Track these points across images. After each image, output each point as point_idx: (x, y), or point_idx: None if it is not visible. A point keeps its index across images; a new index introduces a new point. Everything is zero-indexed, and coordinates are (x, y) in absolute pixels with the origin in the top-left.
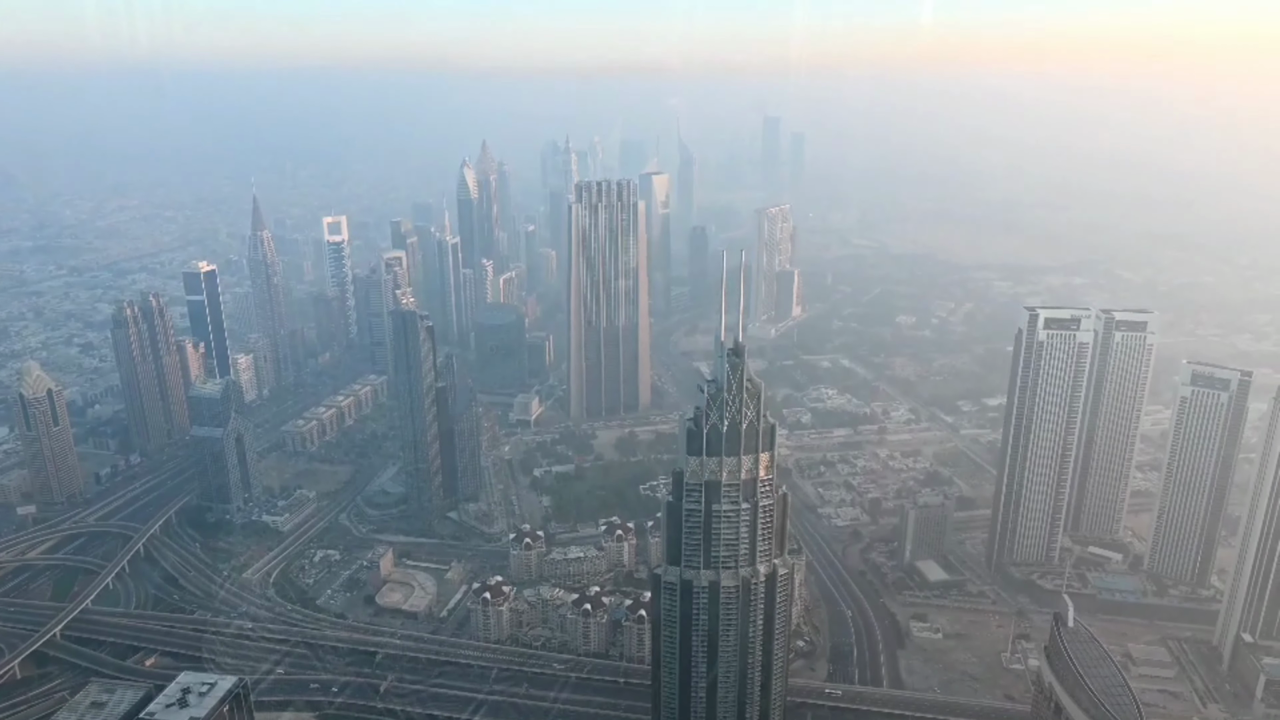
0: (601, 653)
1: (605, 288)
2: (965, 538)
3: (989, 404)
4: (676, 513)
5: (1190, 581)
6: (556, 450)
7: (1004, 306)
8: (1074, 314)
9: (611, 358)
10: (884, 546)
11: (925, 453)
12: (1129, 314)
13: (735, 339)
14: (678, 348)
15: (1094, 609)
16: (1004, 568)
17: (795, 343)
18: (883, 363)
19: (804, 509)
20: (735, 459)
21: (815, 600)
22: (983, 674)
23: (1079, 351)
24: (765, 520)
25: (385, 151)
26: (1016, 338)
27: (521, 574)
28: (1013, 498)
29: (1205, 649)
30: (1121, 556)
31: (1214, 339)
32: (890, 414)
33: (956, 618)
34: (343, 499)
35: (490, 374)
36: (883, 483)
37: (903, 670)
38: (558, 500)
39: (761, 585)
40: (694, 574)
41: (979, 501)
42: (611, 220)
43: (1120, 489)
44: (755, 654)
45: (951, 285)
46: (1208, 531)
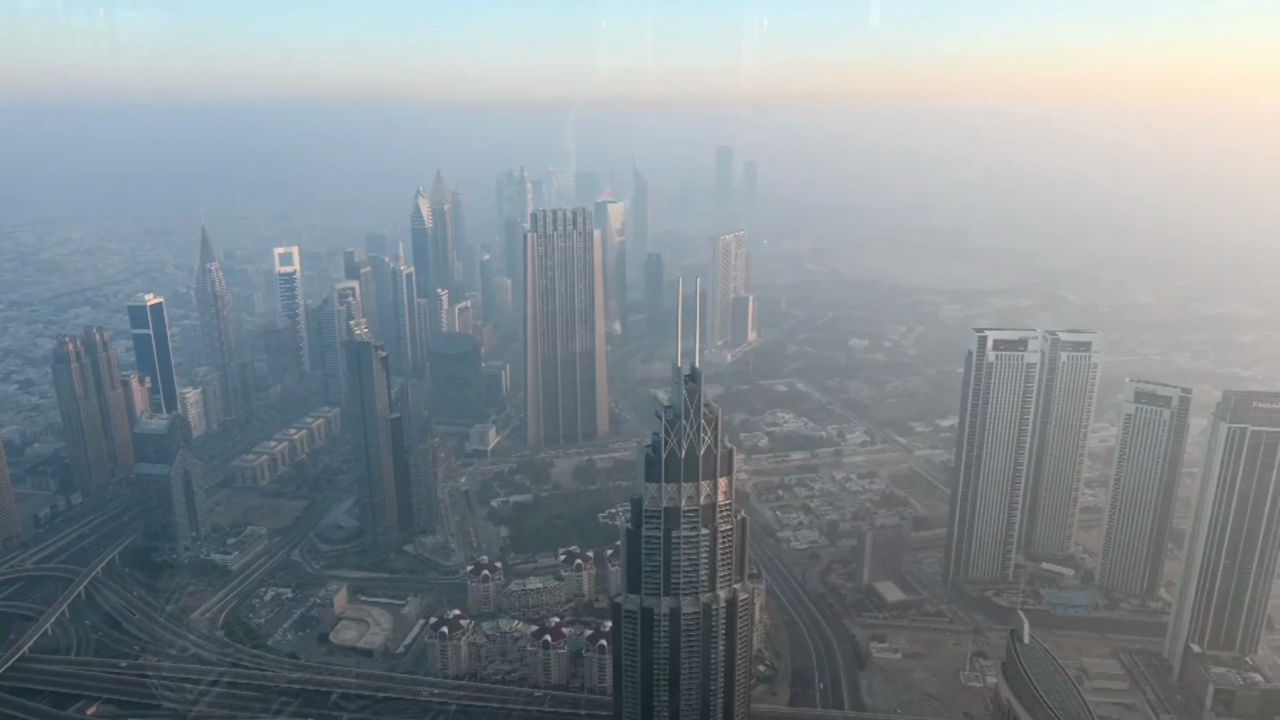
0: (563, 685)
1: (562, 316)
2: (922, 557)
3: (942, 425)
4: (636, 540)
5: (1140, 594)
6: (514, 480)
7: (953, 329)
8: (1021, 335)
9: (568, 386)
10: (843, 568)
11: (881, 474)
12: (1073, 335)
13: (692, 365)
14: (635, 375)
15: (1048, 625)
16: (960, 586)
17: (751, 368)
18: (837, 386)
19: (763, 533)
20: (694, 485)
21: (776, 624)
22: (942, 693)
23: (1027, 372)
24: (725, 545)
25: (338, 182)
26: (966, 359)
27: (480, 607)
28: (967, 517)
29: (1156, 660)
30: (1073, 572)
31: (1155, 357)
32: (846, 436)
33: (915, 637)
34: (295, 535)
35: (446, 404)
36: (840, 505)
37: (864, 692)
38: (516, 530)
39: (722, 611)
40: (654, 601)
41: (934, 521)
42: (567, 248)
43: (1070, 506)
44: (717, 680)
45: (902, 309)
46: (1155, 545)
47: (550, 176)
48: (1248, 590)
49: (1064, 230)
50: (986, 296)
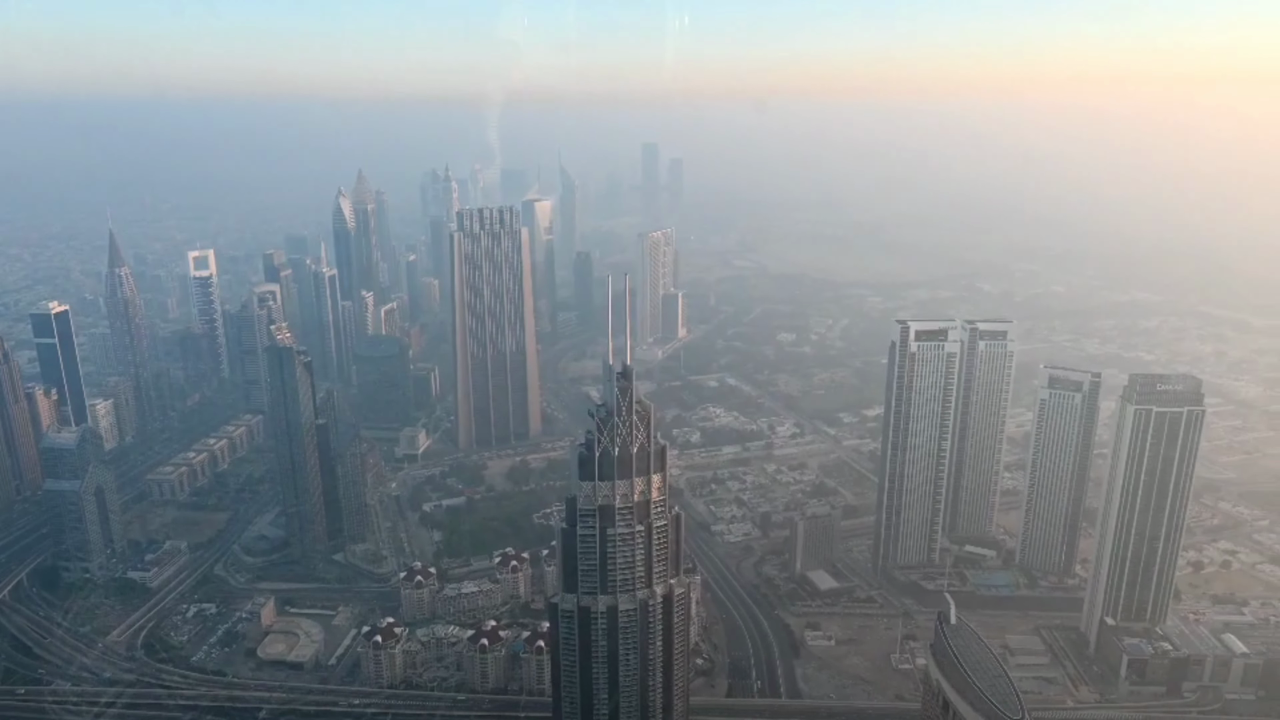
0: (501, 688)
1: (491, 316)
2: (852, 545)
3: (868, 414)
4: (571, 539)
5: (1058, 572)
6: (446, 483)
7: (877, 321)
8: (941, 326)
9: (499, 386)
10: (776, 559)
11: (811, 465)
12: (990, 324)
13: (623, 362)
14: (566, 374)
15: (974, 605)
16: (889, 572)
17: (682, 364)
18: (767, 379)
19: (697, 527)
20: (628, 482)
21: (712, 618)
22: (874, 676)
23: (948, 361)
24: (660, 541)
25: (254, 183)
26: (890, 350)
27: (414, 613)
28: (894, 504)
29: (1074, 635)
30: (995, 553)
31: (1066, 344)
32: (776, 429)
33: (848, 624)
34: (218, 548)
35: (374, 408)
36: (772, 497)
37: (799, 679)
38: (449, 535)
39: (659, 607)
40: (591, 600)
41: (863, 509)
42: (495, 247)
43: (991, 489)
44: (656, 676)
45: (828, 302)
46: (1070, 524)
47: (476, 175)
48: (1156, 564)
49: (979, 223)
50: (908, 288)
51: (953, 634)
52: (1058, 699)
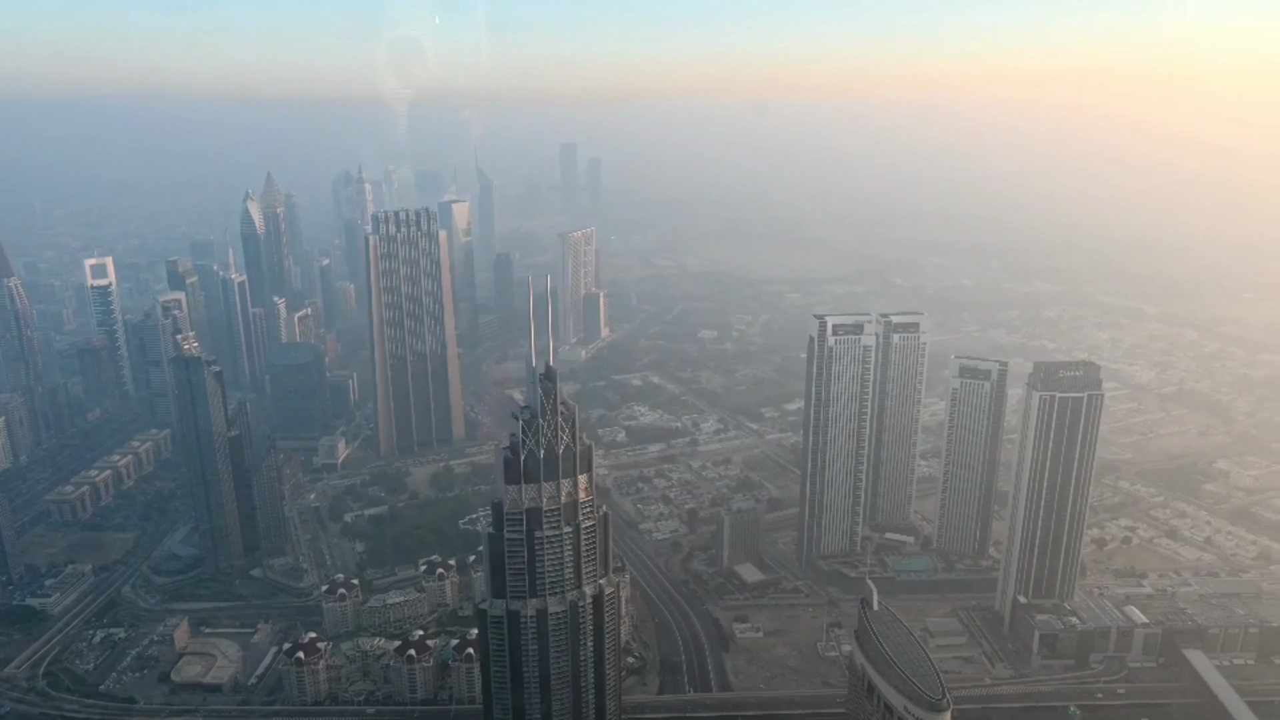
0: (430, 699)
1: (410, 320)
2: (778, 537)
3: (789, 408)
4: (498, 544)
5: (973, 555)
6: (368, 492)
7: (796, 316)
8: (857, 320)
9: (420, 391)
10: (703, 554)
11: (735, 460)
12: (903, 317)
13: (546, 363)
14: (489, 377)
15: (895, 590)
16: (814, 561)
17: (605, 363)
18: (690, 377)
19: (625, 526)
20: (554, 484)
21: (643, 615)
22: (802, 665)
23: (864, 354)
24: (588, 542)
25: (152, 187)
26: (809, 345)
27: (337, 627)
28: (816, 495)
29: (989, 614)
30: (914, 539)
31: (975, 334)
32: (700, 426)
33: (775, 615)
34: (125, 569)
35: (290, 418)
36: (698, 493)
37: (729, 672)
38: (372, 544)
39: (589, 608)
40: (520, 604)
41: (787, 501)
42: (412, 250)
43: (908, 477)
44: (588, 677)
45: (747, 299)
46: (983, 508)
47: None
48: (1063, 543)
49: (890, 219)
50: (824, 284)
51: (875, 619)
52: (976, 677)
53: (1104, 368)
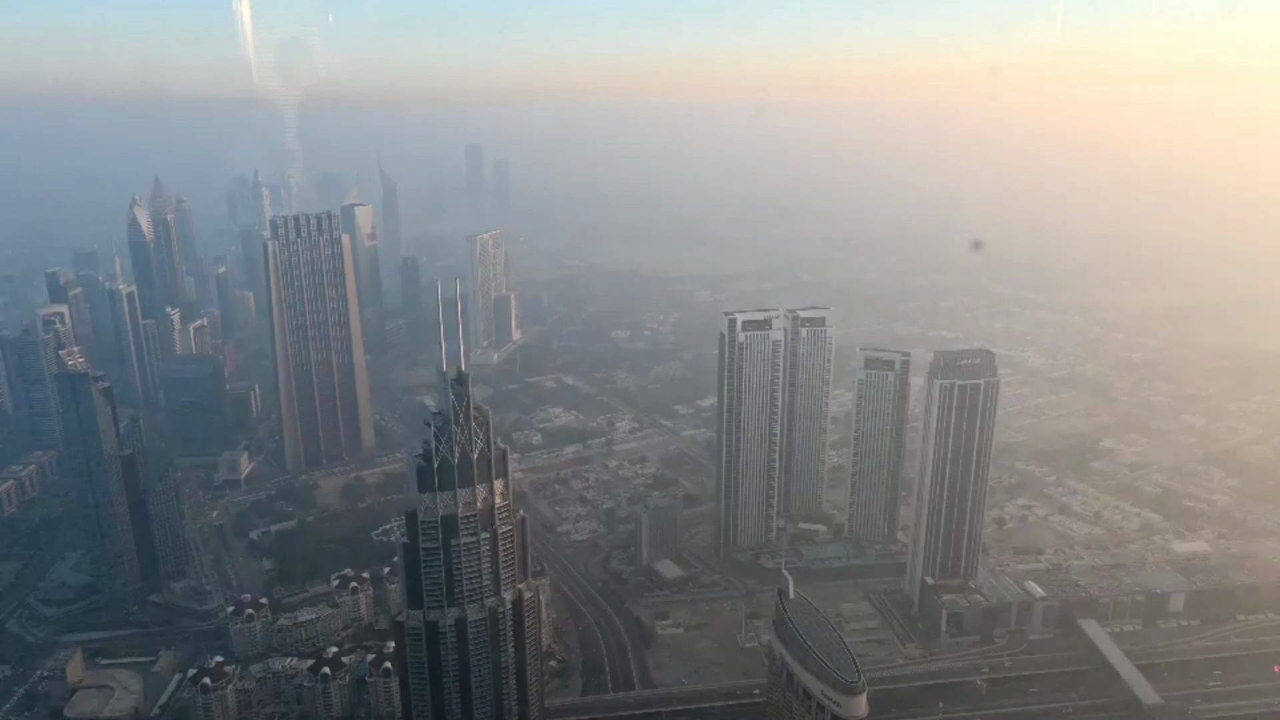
0: (347, 717)
1: (314, 328)
2: (695, 532)
3: (703, 405)
4: (414, 554)
5: (882, 540)
6: (275, 507)
7: (706, 313)
8: (766, 315)
9: (327, 401)
10: (623, 553)
11: (651, 458)
12: (810, 311)
13: (458, 368)
14: (399, 384)
15: (810, 578)
16: (731, 554)
17: (519, 366)
18: (604, 377)
19: (543, 529)
20: (470, 490)
21: (564, 618)
22: (723, 657)
23: (773, 349)
24: (506, 547)
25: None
26: (720, 341)
27: (246, 649)
28: (731, 489)
29: (899, 596)
30: (826, 528)
31: (878, 327)
32: (616, 425)
33: (695, 610)
34: (9, 602)
35: (188, 434)
36: (615, 492)
37: (652, 669)
38: (281, 561)
39: (509, 614)
40: (439, 614)
41: (704, 497)
42: (314, 256)
43: (819, 467)
44: (510, 684)
45: (658, 297)
46: (890, 494)
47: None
48: (966, 524)
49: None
50: (733, 281)
51: (792, 608)
52: (889, 658)
53: (998, 355)
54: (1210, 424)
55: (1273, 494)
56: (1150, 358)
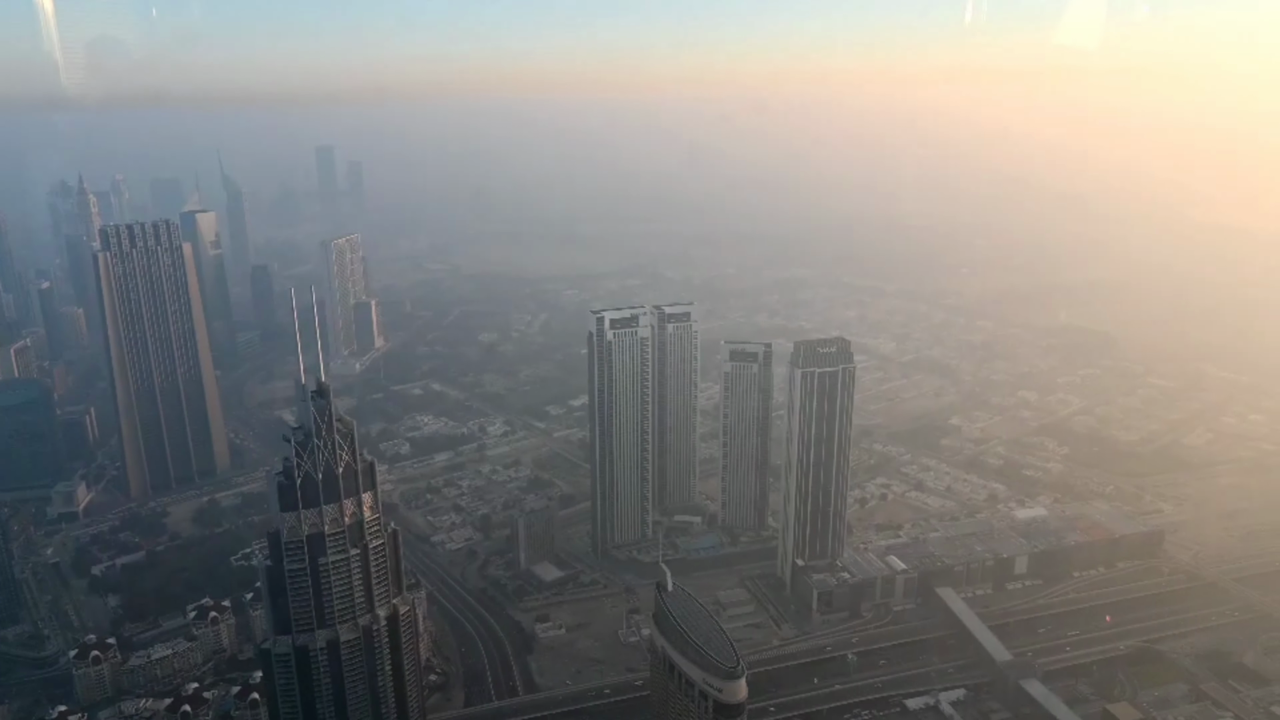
0: None
1: (155, 343)
2: (572, 533)
3: (574, 405)
4: (279, 576)
5: (754, 527)
6: (119, 539)
7: (574, 313)
8: (633, 313)
9: (174, 421)
10: (500, 559)
11: (525, 461)
12: (676, 307)
13: (318, 379)
14: (254, 399)
15: (686, 569)
16: (609, 552)
17: (383, 374)
18: (473, 381)
19: (416, 540)
20: (336, 505)
21: (442, 630)
22: (606, 655)
23: (641, 346)
24: (378, 562)
25: None
26: (589, 340)
27: (92, 694)
28: (606, 487)
29: (773, 580)
30: (701, 518)
31: (741, 319)
32: (487, 430)
33: (576, 610)
34: None
35: (14, 465)
36: (490, 498)
37: (535, 673)
38: (129, 597)
39: (384, 630)
40: (308, 637)
41: (579, 496)
42: (152, 267)
43: (691, 460)
44: (388, 703)
45: (525, 299)
46: (760, 482)
47: (119, 185)
48: (831, 506)
49: (657, 214)
50: (599, 279)
51: (670, 600)
52: (765, 640)
53: (854, 342)
54: (1043, 398)
55: (1098, 459)
56: (989, 339)
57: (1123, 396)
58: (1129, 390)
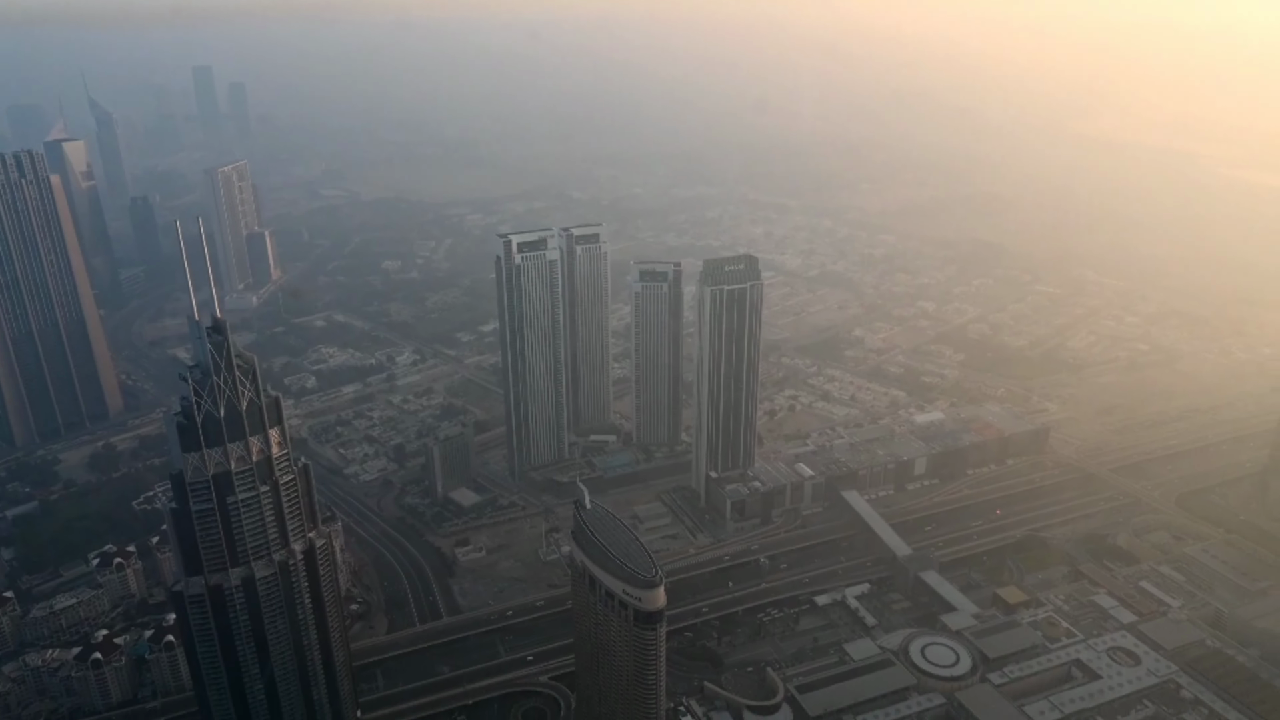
0: (129, 699)
1: (26, 285)
2: (489, 458)
3: (484, 331)
4: (185, 518)
5: (668, 443)
6: (7, 490)
7: (480, 238)
8: (540, 235)
9: (58, 365)
10: (416, 487)
11: (437, 389)
12: (584, 229)
13: (212, 315)
14: (144, 338)
15: (604, 487)
16: (526, 474)
17: (282, 307)
18: (378, 311)
19: (329, 474)
20: (241, 443)
21: (361, 560)
22: (527, 574)
23: (550, 268)
24: (290, 498)
25: None
26: (496, 265)
27: None
28: (521, 411)
29: (688, 493)
30: (615, 437)
31: (650, 239)
32: (396, 360)
33: (495, 533)
34: None
35: None
36: (403, 428)
37: (457, 595)
38: (24, 549)
39: (301, 565)
40: (222, 576)
41: (494, 422)
42: (16, 201)
43: (605, 380)
44: (310, 635)
45: (428, 224)
46: (673, 399)
47: None
48: (742, 419)
49: (564, 134)
50: (505, 202)
51: (589, 518)
52: (682, 550)
53: (761, 259)
54: (940, 308)
55: (990, 364)
56: (890, 252)
57: (1013, 304)
58: (1019, 298)
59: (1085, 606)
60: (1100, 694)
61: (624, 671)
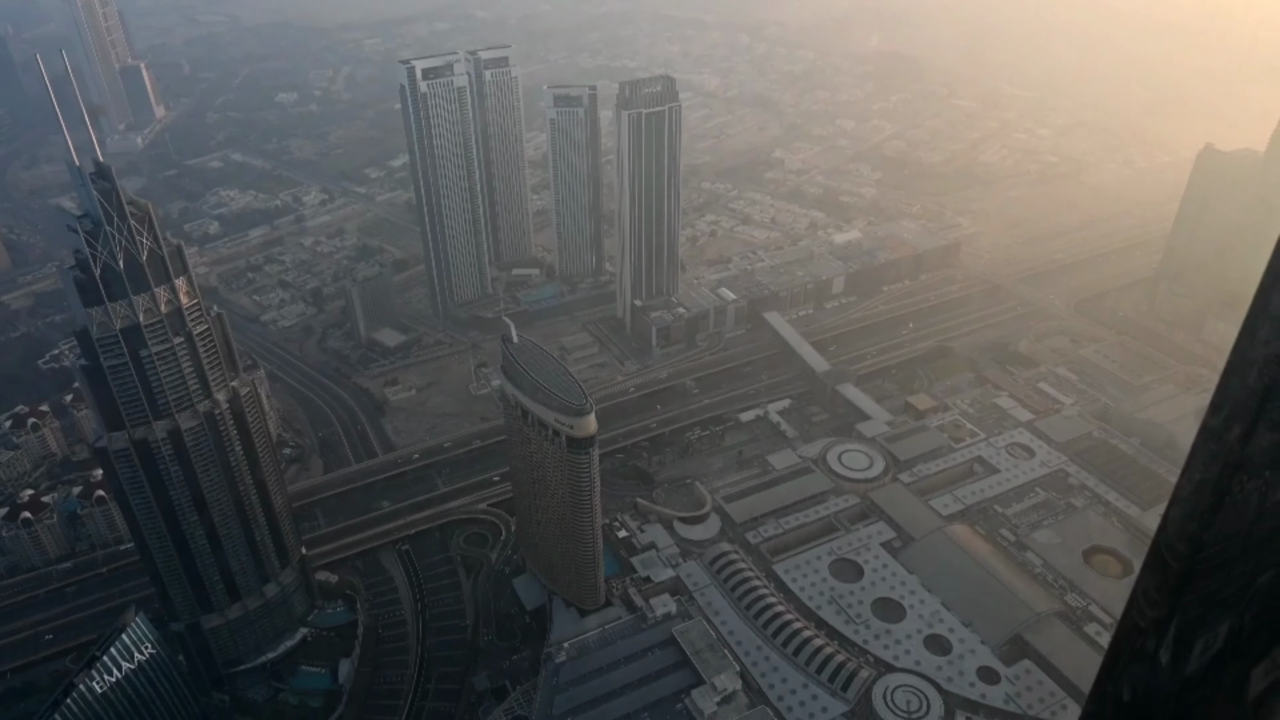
0: (67, 554)
1: None
2: (411, 297)
3: (395, 165)
4: (97, 374)
5: (592, 274)
6: None
7: (381, 65)
8: (446, 60)
9: None
10: (338, 330)
11: (349, 229)
12: (492, 51)
13: (94, 160)
14: (21, 187)
15: (530, 320)
16: (451, 311)
17: (172, 149)
18: (278, 148)
19: (245, 322)
20: (147, 295)
21: (289, 406)
22: (458, 409)
23: (459, 95)
24: (207, 348)
25: None
26: (401, 94)
27: None
28: (440, 247)
29: (613, 322)
30: (539, 271)
31: (562, 62)
32: (303, 200)
33: (424, 370)
34: None
35: None
36: (318, 271)
37: (390, 433)
38: None
39: (227, 413)
40: (146, 430)
41: (413, 260)
42: None
43: (524, 212)
44: (245, 481)
45: (322, 51)
46: (594, 230)
47: None
48: (665, 246)
49: None
50: (404, 25)
51: (517, 351)
52: (610, 378)
53: (679, 79)
54: (859, 125)
55: (906, 182)
56: (809, 69)
57: (930, 119)
58: (935, 113)
59: (988, 409)
60: (998, 485)
61: (560, 495)
